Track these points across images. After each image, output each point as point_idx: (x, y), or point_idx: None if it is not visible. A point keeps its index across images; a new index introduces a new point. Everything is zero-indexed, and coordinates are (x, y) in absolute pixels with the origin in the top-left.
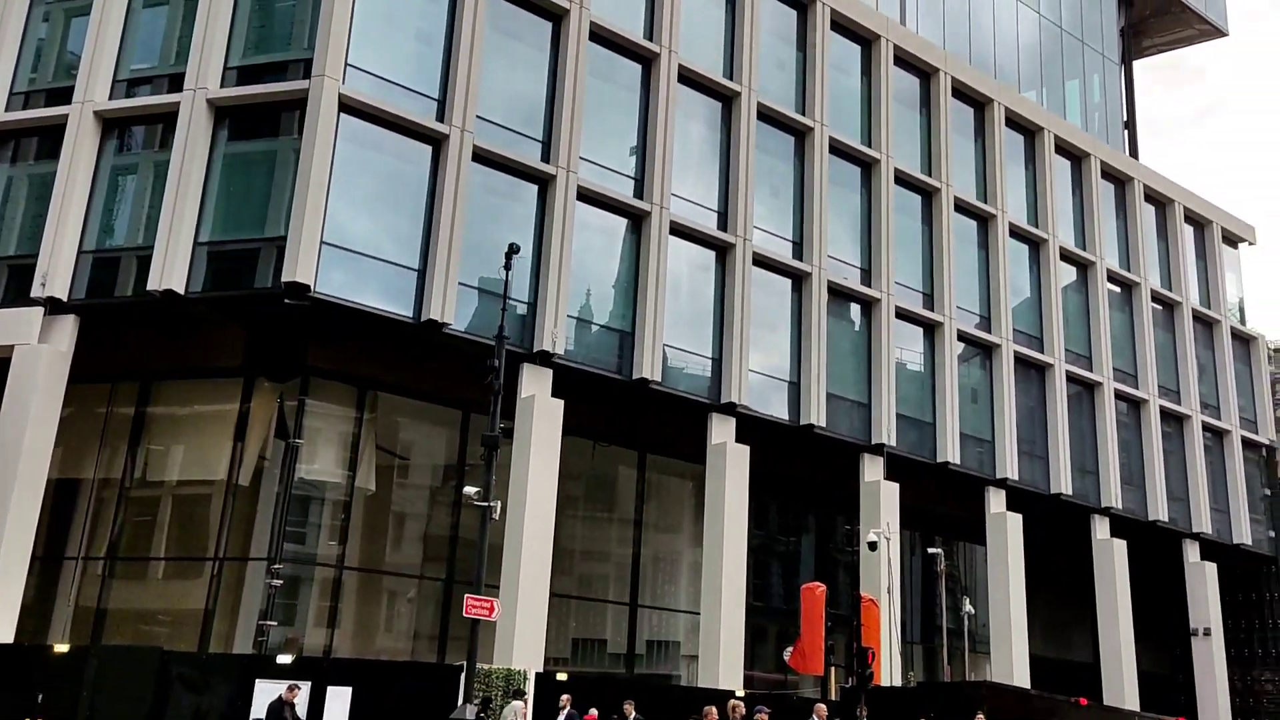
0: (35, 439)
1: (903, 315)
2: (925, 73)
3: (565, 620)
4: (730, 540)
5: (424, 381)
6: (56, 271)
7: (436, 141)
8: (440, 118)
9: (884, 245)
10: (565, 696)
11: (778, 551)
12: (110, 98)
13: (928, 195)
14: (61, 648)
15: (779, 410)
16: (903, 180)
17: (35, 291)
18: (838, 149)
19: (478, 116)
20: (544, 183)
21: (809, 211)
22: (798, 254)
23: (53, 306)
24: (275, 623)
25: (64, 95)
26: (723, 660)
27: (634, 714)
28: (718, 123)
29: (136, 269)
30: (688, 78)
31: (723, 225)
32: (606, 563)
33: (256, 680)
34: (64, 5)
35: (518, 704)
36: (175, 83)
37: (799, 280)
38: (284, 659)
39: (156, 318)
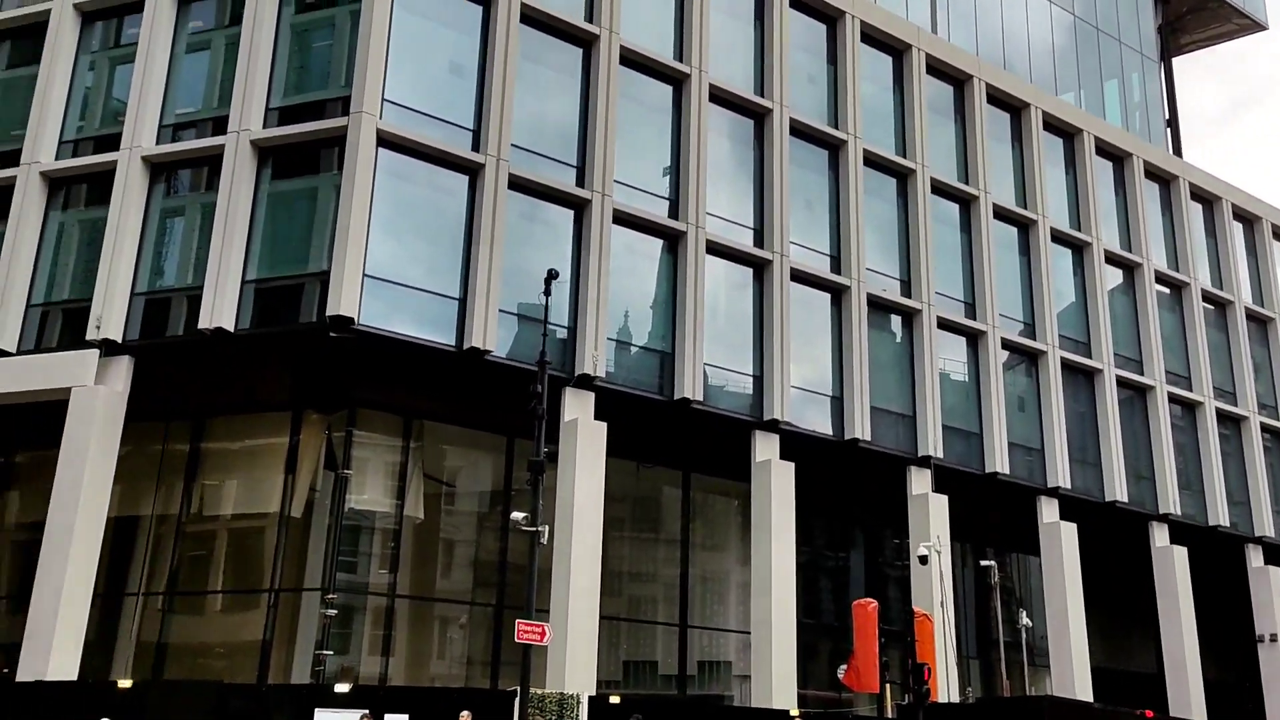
0: (94, 478)
1: (944, 325)
2: (959, 80)
3: (616, 643)
4: (778, 558)
5: (468, 409)
6: (110, 314)
7: (472, 171)
8: (475, 147)
9: (923, 255)
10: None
11: (826, 568)
12: (157, 142)
13: (965, 203)
14: (124, 683)
15: (822, 425)
16: (940, 189)
17: (90, 334)
18: (872, 161)
19: (512, 144)
20: (579, 207)
21: (845, 225)
22: (835, 268)
23: (108, 348)
24: (331, 652)
25: (112, 142)
26: (776, 679)
27: None
28: (750, 140)
29: (187, 308)
30: (719, 96)
31: (759, 242)
32: (654, 584)
33: (316, 710)
34: (109, 53)
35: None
36: (219, 125)
37: (838, 294)
38: (342, 688)
39: (207, 355)
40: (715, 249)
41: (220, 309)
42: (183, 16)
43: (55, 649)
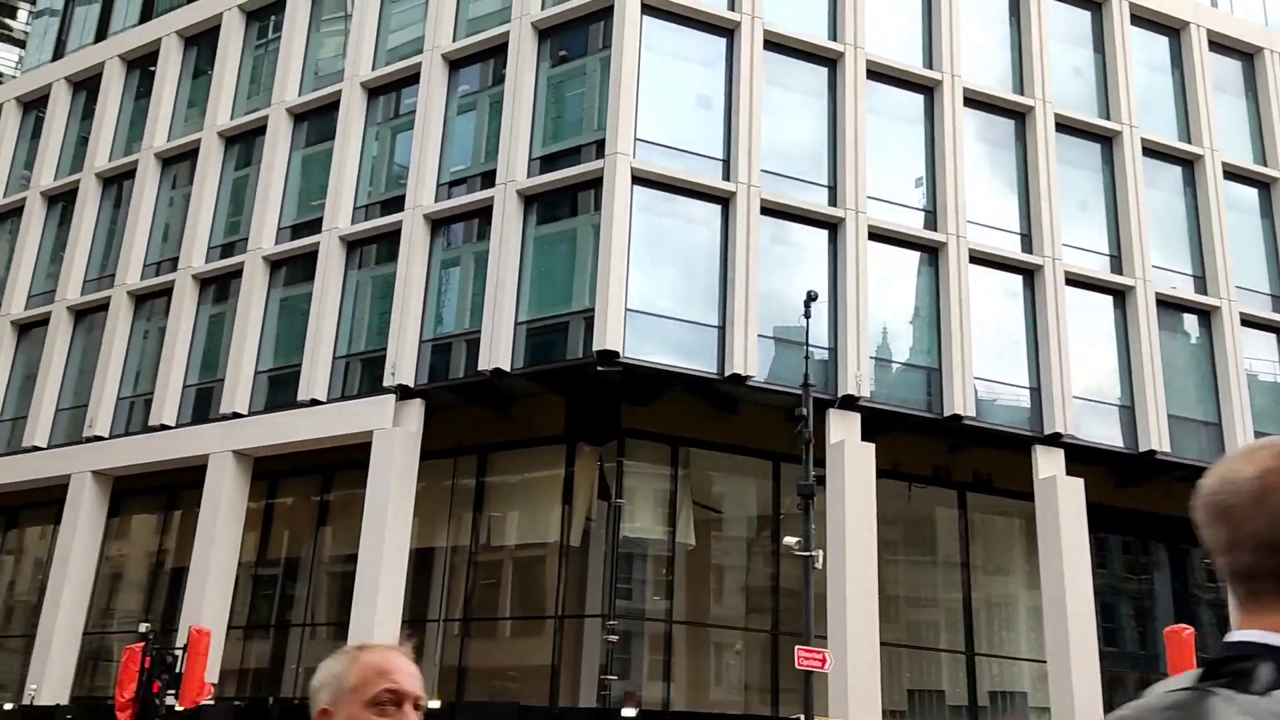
0: (396, 513)
1: (1249, 322)
2: (1247, 54)
3: (897, 670)
4: (1072, 581)
5: (732, 435)
6: (403, 361)
7: (724, 200)
8: (726, 176)
9: (1218, 247)
10: None
11: (1126, 591)
12: (435, 200)
13: (1265, 186)
14: (433, 704)
15: (1111, 437)
16: (1234, 174)
17: (387, 381)
18: (1152, 150)
19: (762, 170)
20: (833, 226)
21: (1124, 221)
22: (1116, 268)
23: (402, 393)
24: (615, 676)
25: (397, 203)
26: (1079, 712)
27: None
28: (1010, 141)
29: (467, 351)
30: (973, 100)
31: (1027, 247)
32: (934, 609)
33: None
34: (390, 124)
35: None
36: (488, 179)
37: (1120, 296)
38: (628, 712)
39: (487, 394)
40: (979, 258)
41: (497, 350)
42: (453, 83)
43: None
